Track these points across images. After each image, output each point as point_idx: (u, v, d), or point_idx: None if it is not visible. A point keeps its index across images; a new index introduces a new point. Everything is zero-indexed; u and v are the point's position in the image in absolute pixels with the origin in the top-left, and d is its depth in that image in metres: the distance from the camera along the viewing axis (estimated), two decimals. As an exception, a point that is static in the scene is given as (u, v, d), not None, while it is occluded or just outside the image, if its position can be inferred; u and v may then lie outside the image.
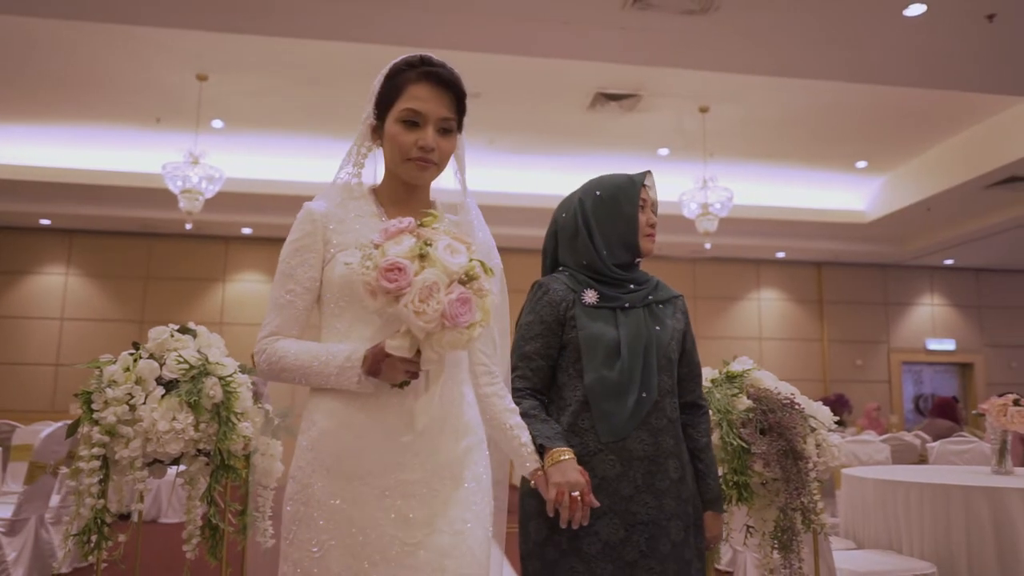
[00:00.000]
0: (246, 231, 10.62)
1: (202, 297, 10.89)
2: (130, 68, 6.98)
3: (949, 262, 12.44)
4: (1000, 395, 3.73)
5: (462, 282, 1.32)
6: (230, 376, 2.00)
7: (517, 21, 5.26)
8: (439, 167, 1.56)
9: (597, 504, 1.61)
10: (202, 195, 7.46)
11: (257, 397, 2.16)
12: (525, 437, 1.63)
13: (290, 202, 10.32)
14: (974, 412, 4.66)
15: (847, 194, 10.38)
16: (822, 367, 12.34)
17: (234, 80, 7.23)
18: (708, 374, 2.28)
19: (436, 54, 1.55)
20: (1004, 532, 2.95)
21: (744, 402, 2.12)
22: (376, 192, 1.61)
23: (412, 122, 1.52)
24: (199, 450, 1.96)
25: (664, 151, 8.83)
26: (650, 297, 1.88)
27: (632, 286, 1.88)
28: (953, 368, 13.31)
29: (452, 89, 1.55)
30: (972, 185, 8.70)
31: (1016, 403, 3.65)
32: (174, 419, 1.85)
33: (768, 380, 2.23)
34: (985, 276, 13.01)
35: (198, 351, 2.04)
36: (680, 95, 7.40)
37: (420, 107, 1.52)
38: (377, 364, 1.39)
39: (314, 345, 1.48)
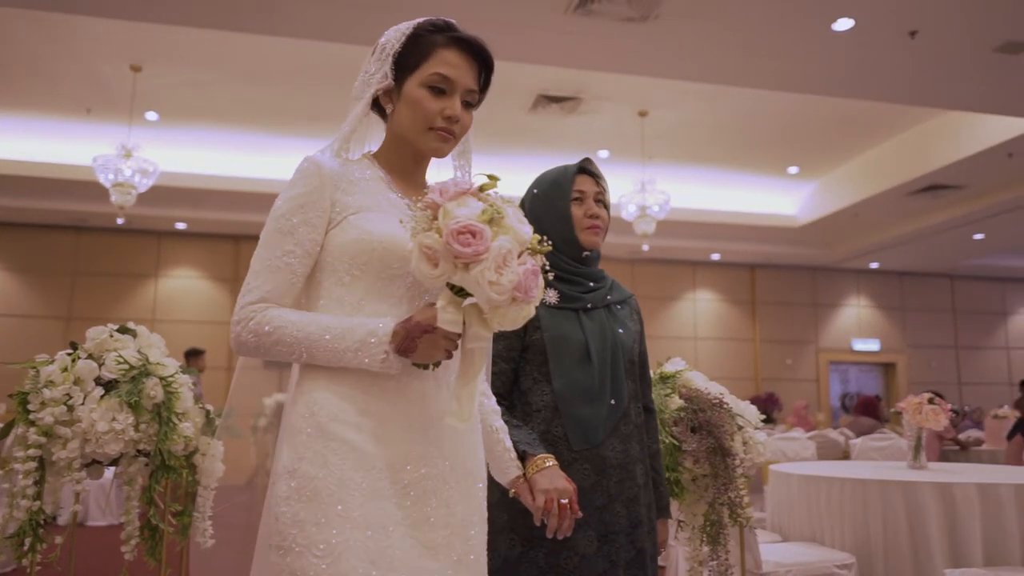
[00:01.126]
0: (180, 226, 10.38)
1: (133, 293, 10.60)
2: (61, 57, 6.76)
3: (874, 265, 12.96)
4: (917, 394, 3.94)
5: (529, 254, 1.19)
6: (171, 376, 1.99)
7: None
8: (456, 141, 1.43)
9: (580, 514, 1.47)
10: (135, 189, 7.28)
11: (197, 398, 2.16)
12: (508, 442, 1.50)
13: (226, 198, 10.24)
14: (893, 410, 4.90)
15: (779, 199, 10.73)
16: (754, 366, 12.71)
17: (169, 72, 7.07)
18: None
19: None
20: (917, 523, 3.12)
21: (676, 402, 2.21)
22: (377, 158, 1.44)
23: (439, 89, 1.38)
24: (139, 451, 1.95)
25: (604, 153, 8.98)
26: (609, 297, 1.83)
27: (591, 284, 1.81)
28: (877, 368, 13.86)
29: (481, 61, 1.44)
30: (896, 192, 9.09)
31: (931, 401, 3.85)
32: (114, 420, 1.83)
33: (699, 380, 2.33)
34: (908, 279, 13.58)
35: (138, 351, 2.02)
36: (620, 99, 7.55)
37: (451, 74, 1.38)
38: (413, 340, 1.23)
39: (323, 316, 1.29)
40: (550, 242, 1.25)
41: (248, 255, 1.70)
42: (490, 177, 1.25)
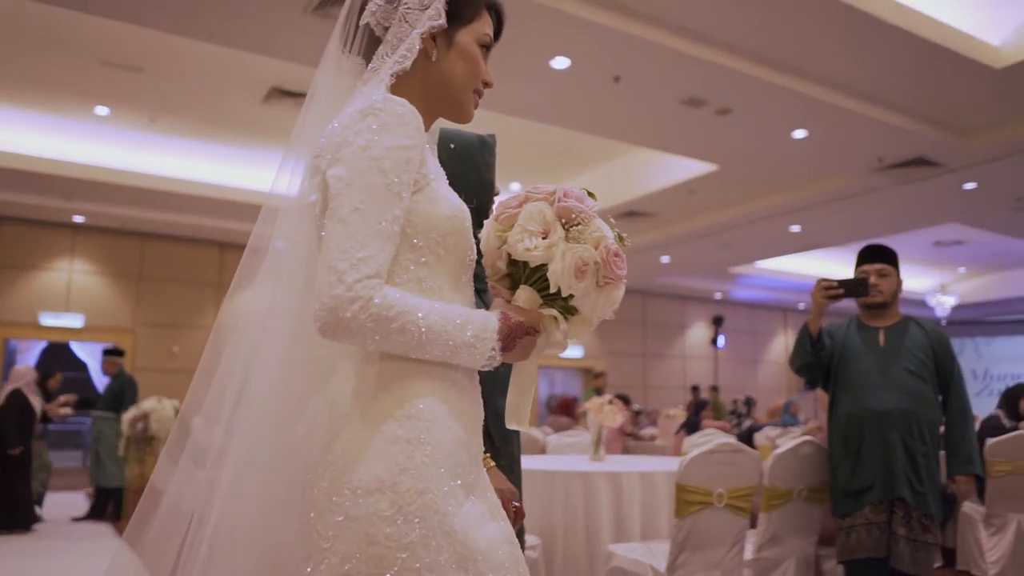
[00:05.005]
0: None
1: None
2: None
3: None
4: (612, 396, 4.52)
5: None
6: None
7: (188, 3, 5.07)
8: None
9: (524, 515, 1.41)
10: None
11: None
12: None
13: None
14: (580, 411, 5.55)
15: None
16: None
17: None
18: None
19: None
20: (591, 507, 3.59)
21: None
22: None
23: (486, 49, 1.28)
24: None
25: (338, 154, 8.98)
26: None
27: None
28: (580, 372, 15.30)
29: (498, 36, 1.34)
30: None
31: (610, 403, 4.44)
32: None
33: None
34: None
35: None
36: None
37: (492, 41, 1.29)
38: (514, 341, 1.14)
39: (439, 303, 1.11)
40: None
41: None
42: (590, 194, 1.23)
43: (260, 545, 1.16)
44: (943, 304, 13.97)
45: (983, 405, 12.52)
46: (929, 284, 14.51)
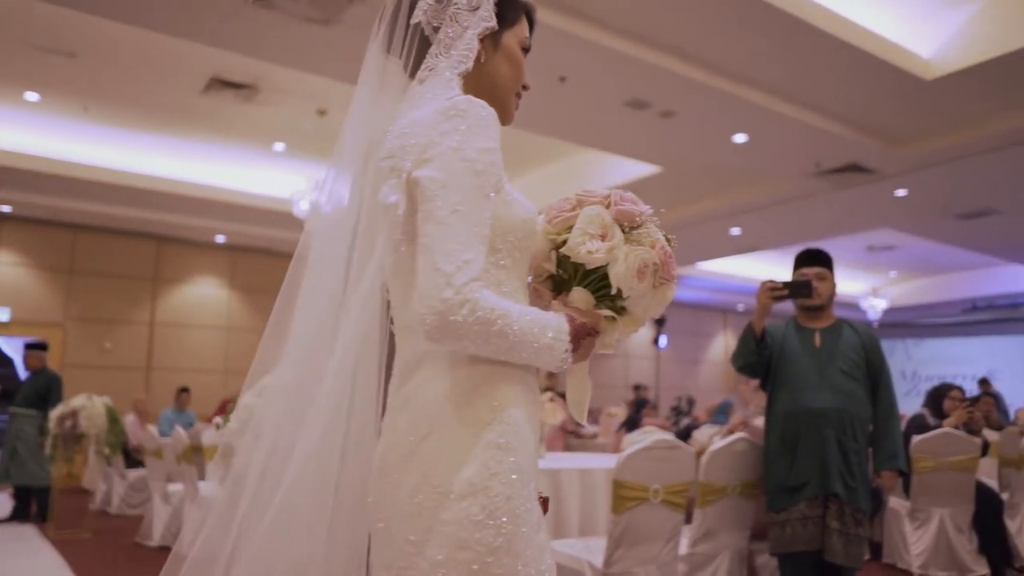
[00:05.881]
0: None
1: None
2: None
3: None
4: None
5: None
6: None
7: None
8: None
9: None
10: None
11: None
12: None
13: None
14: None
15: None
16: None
17: None
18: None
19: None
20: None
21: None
22: None
23: (526, 52, 1.31)
24: None
25: (280, 147, 8.84)
26: None
27: None
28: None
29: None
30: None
31: (552, 400, 4.46)
32: None
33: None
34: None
35: None
36: (300, 94, 7.51)
37: (529, 44, 1.33)
38: (579, 342, 1.15)
39: (519, 306, 1.11)
40: None
41: None
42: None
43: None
44: (875, 307, 14.44)
45: (912, 404, 12.95)
46: (862, 287, 14.98)
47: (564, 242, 1.20)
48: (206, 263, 11.67)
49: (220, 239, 11.39)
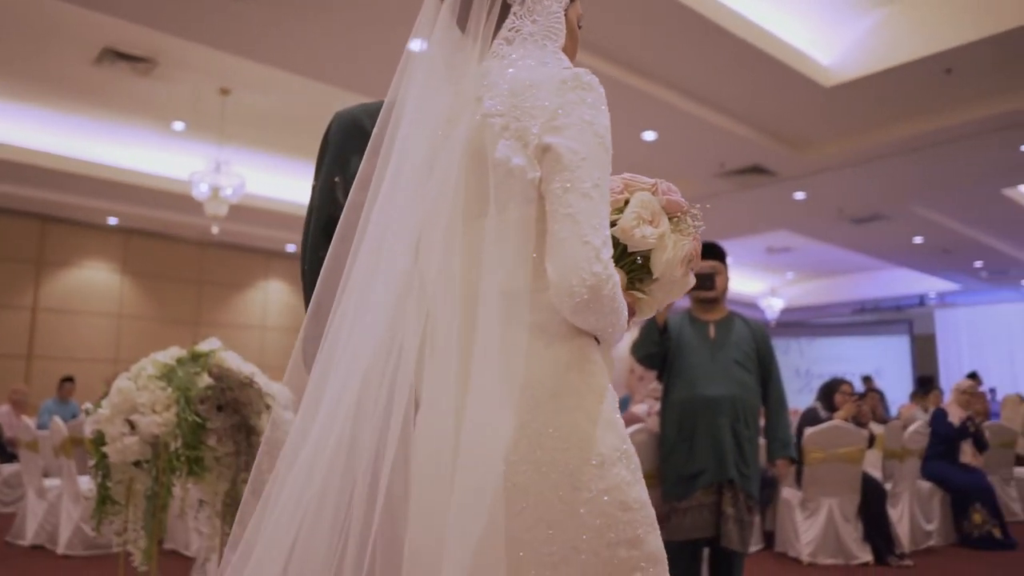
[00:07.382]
0: None
1: None
2: None
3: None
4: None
5: None
6: None
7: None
8: None
9: None
10: None
11: None
12: None
13: None
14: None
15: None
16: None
17: None
18: (176, 353, 2.31)
19: None
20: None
21: (205, 380, 2.21)
22: None
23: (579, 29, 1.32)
24: None
25: (180, 125, 8.43)
26: None
27: None
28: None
29: None
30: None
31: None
32: None
33: (232, 360, 2.36)
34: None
35: None
36: (201, 71, 7.17)
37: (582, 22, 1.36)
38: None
39: None
40: None
41: None
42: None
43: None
44: (773, 307, 15.00)
45: (805, 401, 13.51)
46: (761, 288, 15.54)
47: (613, 223, 1.19)
48: (96, 246, 11.03)
49: (112, 221, 10.79)
